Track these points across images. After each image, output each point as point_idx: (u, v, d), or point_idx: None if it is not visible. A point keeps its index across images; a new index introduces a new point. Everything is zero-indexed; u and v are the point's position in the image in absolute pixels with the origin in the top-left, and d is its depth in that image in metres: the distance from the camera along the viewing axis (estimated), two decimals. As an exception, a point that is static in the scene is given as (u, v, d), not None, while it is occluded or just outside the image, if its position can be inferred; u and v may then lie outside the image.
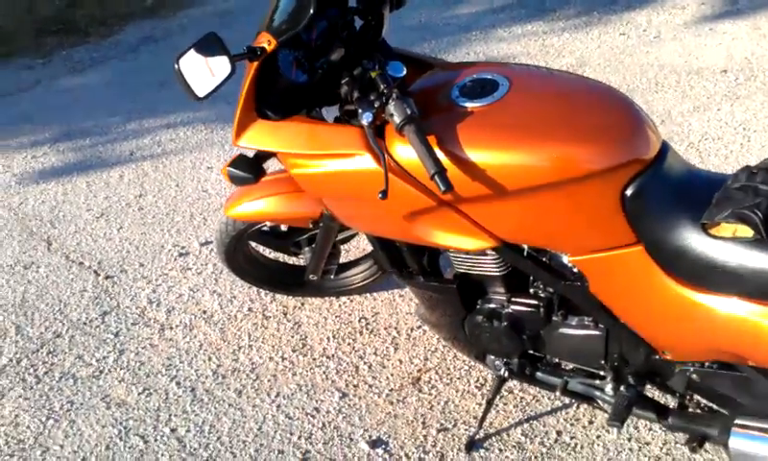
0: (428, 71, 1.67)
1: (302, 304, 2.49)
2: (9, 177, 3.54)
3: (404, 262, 1.84)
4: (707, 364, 1.55)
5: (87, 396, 2.22)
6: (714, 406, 1.64)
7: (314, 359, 2.28)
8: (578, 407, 2.00)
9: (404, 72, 1.59)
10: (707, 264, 1.34)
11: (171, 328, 2.46)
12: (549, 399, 2.03)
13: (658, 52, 3.92)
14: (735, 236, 1.30)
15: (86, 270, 2.78)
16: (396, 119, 1.40)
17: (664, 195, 1.40)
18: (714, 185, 1.38)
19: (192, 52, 1.47)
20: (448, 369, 2.17)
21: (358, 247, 2.62)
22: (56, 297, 2.66)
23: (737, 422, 1.51)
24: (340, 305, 2.47)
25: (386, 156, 1.45)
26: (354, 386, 2.16)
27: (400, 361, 2.23)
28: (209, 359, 2.32)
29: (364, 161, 1.51)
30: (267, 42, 1.51)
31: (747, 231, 1.28)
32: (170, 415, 2.14)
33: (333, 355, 2.28)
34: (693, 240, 1.34)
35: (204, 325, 2.46)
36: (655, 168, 1.41)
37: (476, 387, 2.10)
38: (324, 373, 2.22)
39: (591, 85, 1.55)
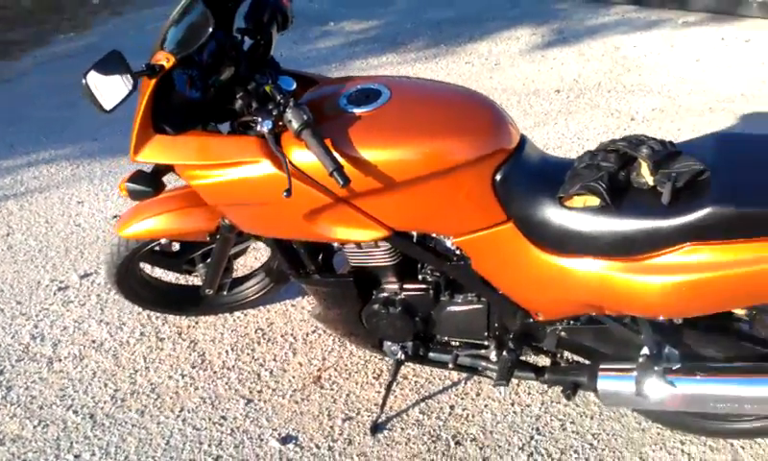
0: (315, 86, 1.86)
1: (196, 323, 2.55)
2: None
3: (302, 263, 1.99)
4: (572, 322, 1.83)
5: (-25, 436, 2.15)
6: (582, 359, 1.93)
7: (215, 372, 2.35)
8: (466, 383, 2.23)
9: (294, 86, 1.77)
10: (565, 232, 1.61)
11: (60, 360, 2.42)
12: (440, 379, 2.25)
13: (499, 77, 4.38)
14: (586, 206, 1.58)
15: (-45, 313, 2.66)
16: (295, 125, 1.56)
17: (527, 178, 1.66)
18: (565, 167, 1.67)
19: (97, 68, 1.55)
20: (346, 365, 2.33)
21: (245, 264, 2.73)
22: (-77, 343, 2.52)
23: (602, 367, 1.80)
24: (234, 320, 2.56)
25: (287, 159, 1.61)
26: (258, 392, 2.26)
27: (300, 364, 2.36)
28: (105, 385, 2.32)
29: (264, 167, 1.66)
30: (165, 60, 1.63)
31: (594, 201, 1.56)
32: (71, 442, 2.12)
33: (233, 367, 2.36)
34: (553, 213, 1.61)
35: (94, 353, 2.45)
36: (517, 156, 1.68)
37: (374, 378, 2.27)
38: (227, 383, 2.30)
39: (460, 91, 1.81)
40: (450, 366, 1.99)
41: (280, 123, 1.62)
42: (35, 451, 2.09)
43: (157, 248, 2.25)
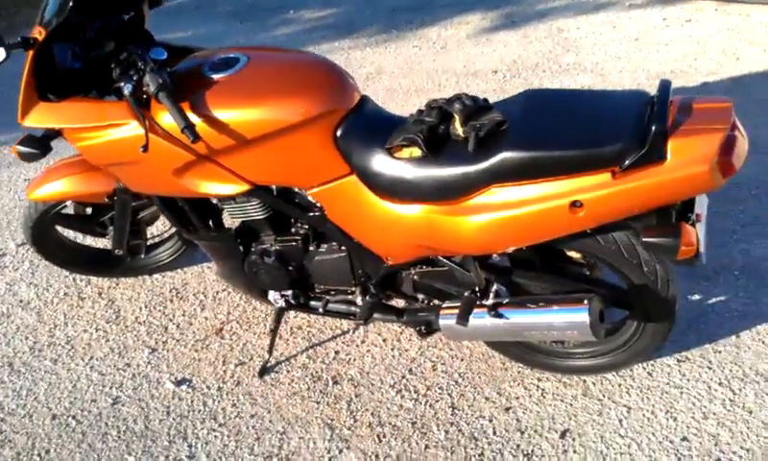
0: (189, 56, 2.09)
1: (117, 284, 2.79)
2: None
3: (189, 220, 2.21)
4: (422, 266, 2.05)
5: None
6: (437, 300, 2.14)
7: (126, 327, 2.58)
8: (354, 331, 2.45)
9: (165, 55, 2.00)
10: (395, 180, 1.81)
11: (-13, 318, 2.67)
12: (331, 328, 2.47)
13: (442, 60, 4.59)
14: (412, 156, 1.79)
15: None
16: (151, 87, 1.78)
17: (364, 133, 1.86)
18: (401, 123, 1.88)
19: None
20: (248, 318, 2.56)
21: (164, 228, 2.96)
22: None
23: (443, 306, 2.02)
24: (153, 281, 2.79)
25: (147, 119, 1.83)
26: (163, 342, 2.49)
27: (206, 318, 2.59)
28: (26, 338, 2.56)
29: (131, 128, 1.89)
30: (38, 33, 1.87)
31: (417, 151, 1.78)
32: (-13, 386, 2.36)
33: (144, 321, 2.60)
34: (384, 164, 1.81)
35: (20, 311, 2.69)
36: (356, 114, 1.88)
37: (265, 325, 2.49)
38: (136, 336, 2.53)
39: (309, 58, 2.02)
40: (321, 311, 2.21)
41: (145, 88, 1.84)
42: (-48, 393, 2.33)
43: (69, 210, 2.48)
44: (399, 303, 2.22)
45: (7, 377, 2.39)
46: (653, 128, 1.55)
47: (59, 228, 2.61)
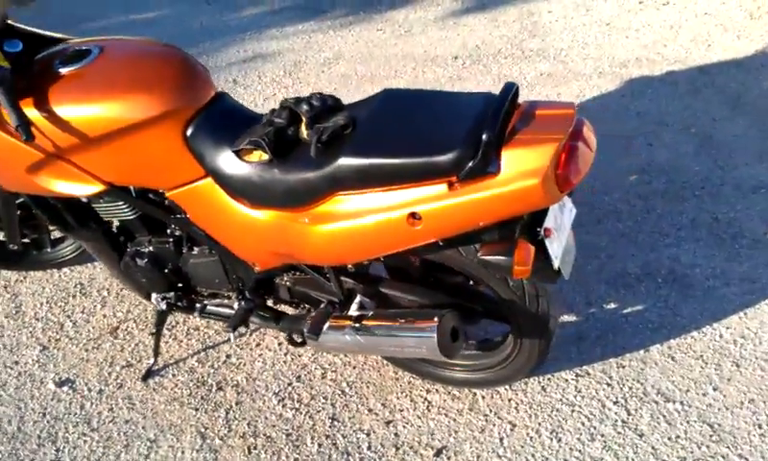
0: (53, 47, 2.00)
1: (24, 278, 2.75)
2: None
3: (63, 218, 2.14)
4: (294, 273, 1.97)
5: None
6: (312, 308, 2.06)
7: (24, 322, 2.54)
8: (251, 335, 2.38)
9: (20, 47, 1.91)
10: (246, 184, 1.72)
11: None
12: (227, 330, 2.40)
13: (404, 44, 4.47)
14: (261, 160, 1.70)
15: None
16: None
17: (217, 133, 1.77)
18: (255, 122, 1.78)
19: None
20: (146, 318, 2.51)
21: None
22: None
23: (308, 316, 1.95)
24: (60, 275, 2.75)
25: None
26: (56, 340, 2.45)
27: (104, 316, 2.54)
28: None
29: None
30: None
31: (263, 155, 1.69)
32: None
33: (42, 317, 2.56)
34: (235, 167, 1.72)
35: None
36: (208, 112, 1.78)
37: (167, 329, 2.44)
38: (31, 332, 2.49)
39: (163, 50, 1.91)
40: (196, 315, 2.14)
41: None
42: None
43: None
44: (286, 308, 2.15)
45: None
46: (483, 137, 1.45)
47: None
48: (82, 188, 1.87)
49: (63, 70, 1.80)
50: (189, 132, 1.75)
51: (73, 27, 4.09)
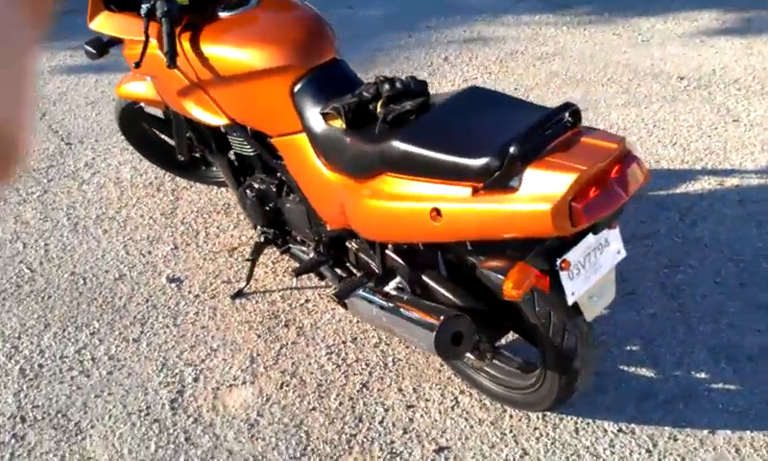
0: None
1: (190, 187, 3.21)
2: None
3: (207, 141, 2.50)
4: (356, 239, 2.10)
5: None
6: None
7: (171, 222, 3.00)
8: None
9: None
10: (327, 147, 1.91)
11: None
12: (291, 274, 2.61)
13: (633, 53, 4.25)
14: (339, 127, 1.85)
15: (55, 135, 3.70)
16: (158, 12, 2.08)
17: (318, 95, 1.95)
18: (351, 92, 1.92)
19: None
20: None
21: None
22: None
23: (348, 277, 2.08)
24: (216, 192, 3.17)
25: (148, 38, 2.13)
26: (186, 244, 2.86)
27: (232, 236, 2.90)
28: (101, 208, 3.12)
29: (150, 44, 2.21)
30: None
31: (342, 122, 1.83)
32: None
33: (187, 222, 2.99)
34: (320, 128, 1.91)
35: (112, 185, 3.27)
36: (318, 74, 1.98)
37: (271, 261, 2.72)
38: (172, 232, 2.94)
39: (302, 12, 2.13)
40: (281, 252, 2.38)
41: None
42: None
43: (149, 110, 2.93)
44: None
45: (69, 233, 2.96)
46: (510, 150, 1.45)
47: (144, 124, 3.09)
48: (212, 118, 2.19)
49: (221, 14, 2.12)
50: (296, 88, 1.97)
51: None
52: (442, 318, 1.73)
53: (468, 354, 1.94)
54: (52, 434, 2.09)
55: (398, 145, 1.65)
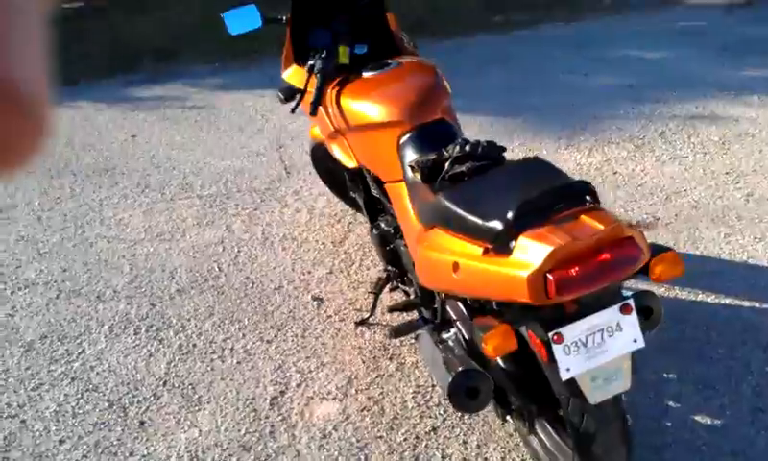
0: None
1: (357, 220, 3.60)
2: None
3: (354, 178, 2.86)
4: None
5: (220, 220, 3.77)
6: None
7: (335, 251, 3.41)
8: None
9: (365, 50, 2.66)
10: (411, 195, 2.16)
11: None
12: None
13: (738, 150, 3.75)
14: (419, 179, 2.09)
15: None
16: (315, 69, 2.53)
17: (418, 148, 2.22)
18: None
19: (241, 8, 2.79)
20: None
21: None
22: None
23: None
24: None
25: (307, 89, 2.57)
26: (340, 271, 3.24)
27: (380, 270, 3.21)
28: (288, 221, 3.64)
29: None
30: (287, 16, 2.77)
31: (419, 175, 2.07)
32: (243, 243, 3.54)
33: (350, 253, 3.38)
34: (408, 178, 2.18)
35: (278, 205, 3.79)
36: (422, 130, 2.25)
37: (396, 299, 2.97)
38: (333, 258, 3.34)
39: (424, 76, 2.45)
40: (389, 291, 2.64)
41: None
42: None
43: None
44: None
45: (258, 245, 3.52)
46: (507, 216, 1.58)
47: (329, 161, 3.54)
48: (346, 160, 2.58)
49: (365, 74, 2.52)
50: (402, 140, 2.26)
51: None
52: (459, 369, 1.85)
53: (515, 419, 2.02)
54: (179, 400, 2.58)
55: (442, 201, 1.85)
